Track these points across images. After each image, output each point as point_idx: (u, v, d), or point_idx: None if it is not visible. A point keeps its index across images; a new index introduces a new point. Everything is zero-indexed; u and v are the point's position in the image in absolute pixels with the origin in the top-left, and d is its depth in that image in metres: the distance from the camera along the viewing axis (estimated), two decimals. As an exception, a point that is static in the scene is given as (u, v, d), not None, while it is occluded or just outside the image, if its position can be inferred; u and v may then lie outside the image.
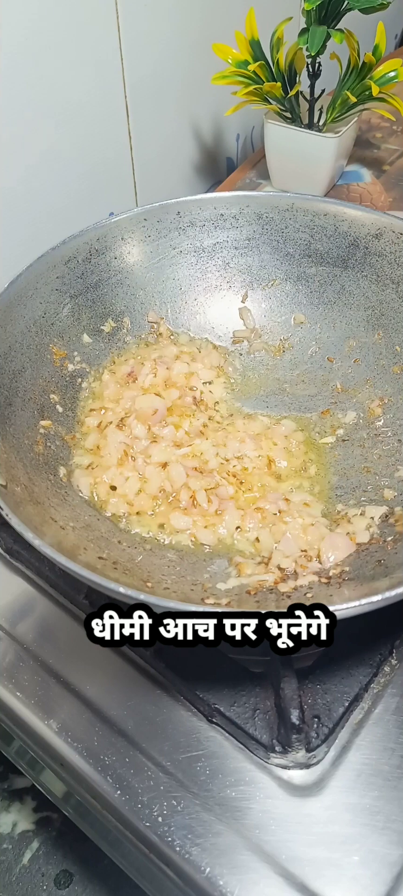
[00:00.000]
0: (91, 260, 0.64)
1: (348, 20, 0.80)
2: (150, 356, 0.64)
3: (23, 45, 0.68)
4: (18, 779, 0.75)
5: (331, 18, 0.79)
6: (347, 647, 0.48)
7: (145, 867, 0.45)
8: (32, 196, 0.75)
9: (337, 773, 0.44)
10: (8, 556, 0.57)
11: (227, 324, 0.69)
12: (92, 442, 0.58)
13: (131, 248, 0.67)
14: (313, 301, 0.67)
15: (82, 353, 0.63)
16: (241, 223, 0.68)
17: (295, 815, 0.43)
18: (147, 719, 0.47)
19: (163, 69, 0.85)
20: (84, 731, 0.47)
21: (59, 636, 0.52)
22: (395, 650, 0.49)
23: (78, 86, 0.75)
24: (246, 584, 0.49)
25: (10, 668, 0.50)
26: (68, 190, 0.79)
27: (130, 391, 0.61)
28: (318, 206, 0.66)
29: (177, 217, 0.68)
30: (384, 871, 0.40)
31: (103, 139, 0.81)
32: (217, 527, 0.53)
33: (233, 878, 0.41)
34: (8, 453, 0.51)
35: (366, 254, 0.65)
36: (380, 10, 0.78)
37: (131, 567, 0.49)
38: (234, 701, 0.46)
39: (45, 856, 0.71)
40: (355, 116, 0.86)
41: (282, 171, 0.90)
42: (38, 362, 0.59)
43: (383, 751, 0.45)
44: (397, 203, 0.90)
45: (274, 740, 0.44)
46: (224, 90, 0.83)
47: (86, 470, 0.56)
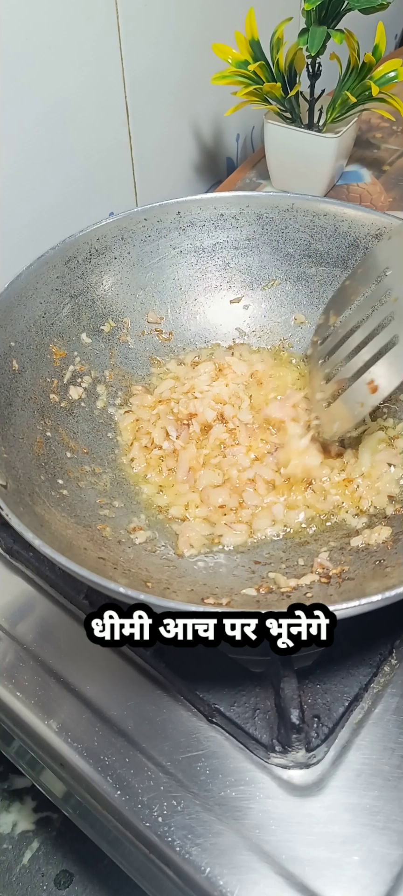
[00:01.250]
0: (91, 260, 0.64)
1: (348, 20, 0.80)
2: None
3: (23, 44, 0.68)
4: (18, 779, 0.76)
5: (331, 18, 0.79)
6: (347, 647, 0.48)
7: (145, 867, 0.45)
8: (32, 196, 0.75)
9: (337, 773, 0.44)
10: (8, 556, 0.57)
11: (227, 324, 0.69)
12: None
13: (131, 247, 0.67)
14: (313, 301, 0.67)
15: (82, 353, 0.63)
16: (241, 223, 0.68)
17: (295, 815, 0.43)
18: (147, 719, 0.47)
19: (163, 69, 0.85)
20: (84, 731, 0.47)
21: (59, 636, 0.52)
22: (395, 650, 0.49)
23: (78, 85, 0.75)
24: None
25: (10, 668, 0.50)
26: (68, 190, 0.79)
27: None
28: (318, 207, 0.66)
29: (177, 217, 0.68)
30: (384, 871, 0.40)
31: (103, 139, 0.81)
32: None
33: (233, 878, 0.41)
34: (8, 453, 0.51)
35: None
36: (380, 10, 0.78)
37: (131, 567, 0.49)
38: (234, 701, 0.46)
39: (45, 856, 0.71)
40: (355, 116, 0.86)
41: (282, 171, 0.90)
42: (38, 362, 0.59)
43: (383, 751, 0.45)
44: (397, 203, 0.90)
45: (274, 740, 0.44)
46: (224, 90, 0.83)
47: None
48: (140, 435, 0.60)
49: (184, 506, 0.55)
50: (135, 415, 0.62)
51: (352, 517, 0.54)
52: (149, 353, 0.67)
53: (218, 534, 0.54)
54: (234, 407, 0.62)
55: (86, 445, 0.59)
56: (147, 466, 0.58)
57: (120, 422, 0.62)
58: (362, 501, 0.54)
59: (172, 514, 0.55)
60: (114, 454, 0.60)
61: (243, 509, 0.55)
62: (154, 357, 0.67)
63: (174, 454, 0.59)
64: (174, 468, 0.58)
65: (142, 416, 0.62)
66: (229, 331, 0.69)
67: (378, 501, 0.54)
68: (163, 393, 0.64)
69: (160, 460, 0.59)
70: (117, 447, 0.60)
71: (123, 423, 0.62)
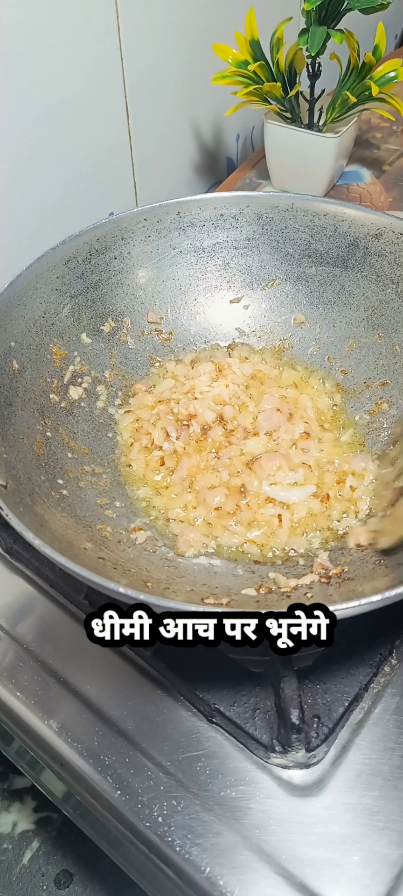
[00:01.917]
0: (91, 260, 0.64)
1: (348, 20, 0.80)
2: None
3: (23, 44, 0.68)
4: (18, 779, 0.76)
5: (331, 18, 0.79)
6: (347, 647, 0.48)
7: (145, 867, 0.45)
8: (32, 196, 0.75)
9: (337, 773, 0.44)
10: (8, 556, 0.57)
11: (227, 324, 0.69)
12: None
13: (131, 248, 0.67)
14: (313, 301, 0.67)
15: (82, 353, 0.63)
16: (241, 223, 0.68)
17: (295, 815, 0.43)
18: (147, 719, 0.47)
19: (163, 69, 0.85)
20: (84, 731, 0.47)
21: (59, 636, 0.52)
22: (395, 650, 0.49)
23: (78, 85, 0.75)
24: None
25: (10, 668, 0.50)
26: (68, 190, 0.79)
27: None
28: (318, 206, 0.66)
29: (177, 217, 0.68)
30: (384, 871, 0.40)
31: (103, 139, 0.81)
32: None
33: (233, 878, 0.41)
34: (8, 453, 0.51)
35: (366, 254, 0.65)
36: (380, 10, 0.78)
37: (131, 567, 0.49)
38: (234, 701, 0.46)
39: (45, 856, 0.71)
40: (355, 116, 0.86)
41: (282, 171, 0.90)
42: (38, 362, 0.59)
43: (383, 751, 0.45)
44: (397, 203, 0.90)
45: (274, 740, 0.44)
46: (224, 90, 0.83)
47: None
48: (140, 435, 0.60)
49: (183, 506, 0.55)
50: (135, 415, 0.62)
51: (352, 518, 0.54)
52: (149, 353, 0.67)
53: (215, 535, 0.53)
54: (234, 408, 0.62)
55: (86, 445, 0.59)
56: (146, 467, 0.58)
57: (120, 422, 0.62)
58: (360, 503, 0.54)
59: (172, 514, 0.55)
60: (114, 454, 0.60)
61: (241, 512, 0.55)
62: (154, 357, 0.67)
63: (174, 454, 0.59)
64: (174, 469, 0.58)
65: (142, 417, 0.62)
66: (229, 331, 0.69)
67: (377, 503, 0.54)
68: (163, 393, 0.64)
69: (160, 461, 0.59)
70: (117, 447, 0.60)
71: (123, 423, 0.62)
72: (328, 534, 0.53)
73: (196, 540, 0.53)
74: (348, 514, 0.54)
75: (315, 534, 0.53)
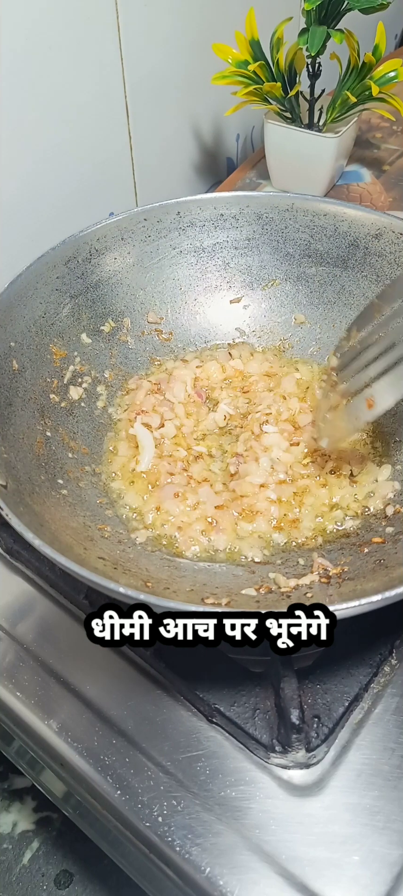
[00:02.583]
0: (91, 260, 0.64)
1: (348, 20, 0.80)
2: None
3: (23, 45, 0.68)
4: (18, 779, 0.75)
5: (331, 18, 0.79)
6: (347, 647, 0.48)
7: (145, 867, 0.45)
8: (32, 196, 0.75)
9: (337, 773, 0.44)
10: (8, 556, 0.57)
11: (227, 324, 0.69)
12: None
13: (131, 248, 0.67)
14: (313, 301, 0.67)
15: (82, 353, 0.63)
16: (241, 223, 0.68)
17: (295, 815, 0.43)
18: (147, 719, 0.47)
19: (162, 69, 0.85)
20: (84, 731, 0.47)
21: (59, 636, 0.52)
22: (395, 650, 0.49)
23: (78, 86, 0.75)
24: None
25: (10, 668, 0.50)
26: (68, 190, 0.79)
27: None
28: (318, 206, 0.66)
29: (177, 217, 0.68)
30: (384, 871, 0.40)
31: (103, 139, 0.81)
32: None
33: (233, 878, 0.41)
34: (8, 453, 0.51)
35: (366, 254, 0.65)
36: (380, 10, 0.78)
37: (131, 567, 0.49)
38: (234, 701, 0.46)
39: (45, 856, 0.71)
40: (355, 116, 0.86)
41: (282, 171, 0.90)
42: (38, 362, 0.59)
43: (383, 751, 0.45)
44: (397, 203, 0.90)
45: (274, 740, 0.44)
46: (224, 90, 0.83)
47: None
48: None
49: (182, 507, 0.55)
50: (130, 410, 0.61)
51: (352, 519, 0.54)
52: (149, 353, 0.67)
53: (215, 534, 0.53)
54: (234, 409, 0.62)
55: (87, 445, 0.59)
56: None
57: (120, 422, 0.62)
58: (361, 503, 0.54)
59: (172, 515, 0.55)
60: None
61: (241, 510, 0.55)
62: (154, 357, 0.67)
63: (174, 454, 0.59)
64: (174, 469, 0.58)
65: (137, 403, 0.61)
66: (229, 331, 0.69)
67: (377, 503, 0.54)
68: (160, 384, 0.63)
69: (159, 461, 0.58)
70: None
71: (123, 424, 0.62)
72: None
73: (196, 539, 0.53)
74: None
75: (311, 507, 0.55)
